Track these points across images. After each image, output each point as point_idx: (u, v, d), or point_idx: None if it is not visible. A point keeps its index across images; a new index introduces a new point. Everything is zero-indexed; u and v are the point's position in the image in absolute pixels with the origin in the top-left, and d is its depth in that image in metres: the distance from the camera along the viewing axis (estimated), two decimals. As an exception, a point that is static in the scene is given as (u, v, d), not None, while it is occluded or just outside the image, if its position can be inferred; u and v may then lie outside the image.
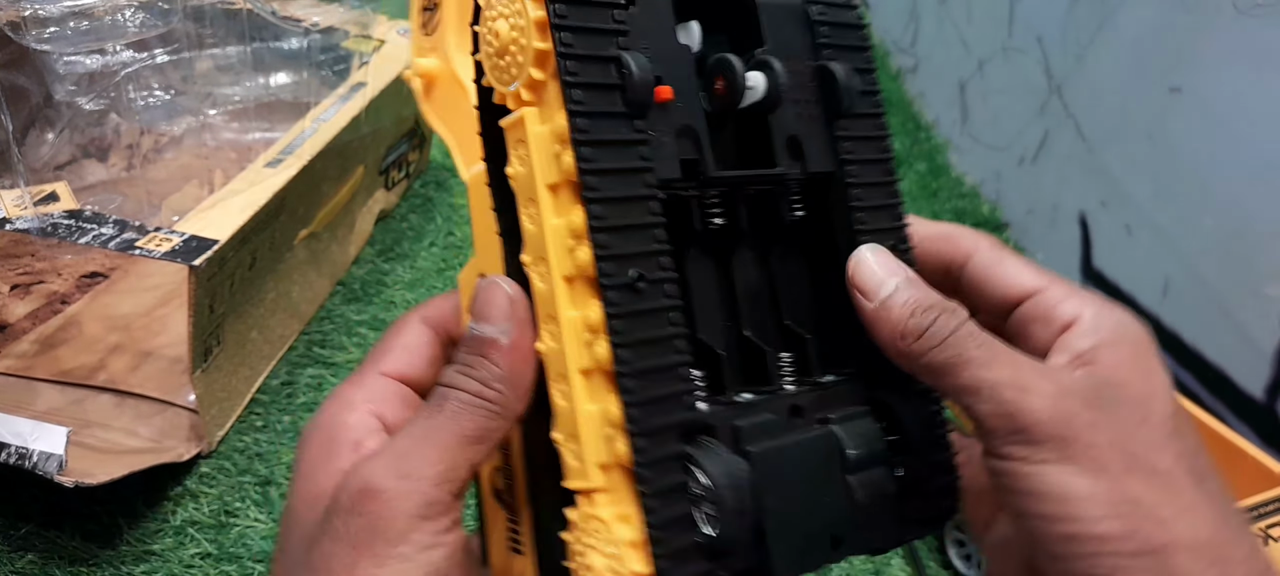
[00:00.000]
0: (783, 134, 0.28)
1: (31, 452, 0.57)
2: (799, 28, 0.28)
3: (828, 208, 0.29)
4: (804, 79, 0.28)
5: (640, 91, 0.24)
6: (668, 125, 0.25)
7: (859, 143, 0.29)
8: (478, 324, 0.24)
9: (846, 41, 0.29)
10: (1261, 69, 0.76)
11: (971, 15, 1.29)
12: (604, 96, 0.24)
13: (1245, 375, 0.76)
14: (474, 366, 0.24)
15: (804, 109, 0.28)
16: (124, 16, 0.76)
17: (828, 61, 0.28)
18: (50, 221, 0.63)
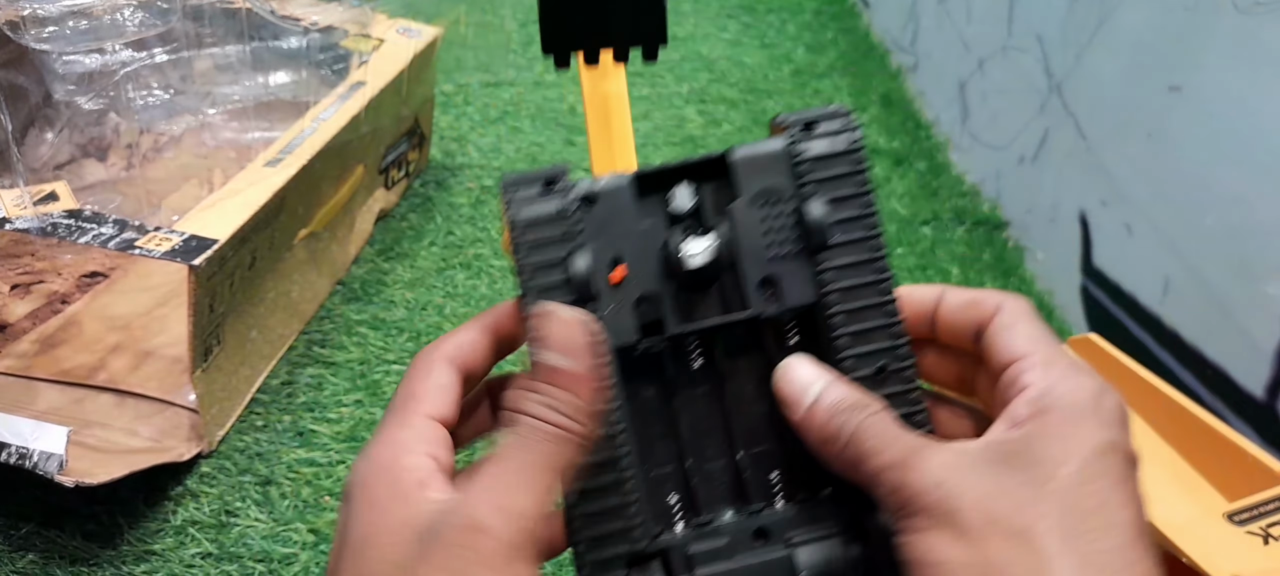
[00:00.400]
0: (756, 276, 0.30)
1: (32, 452, 0.57)
2: (781, 171, 0.31)
3: (816, 335, 0.31)
4: (787, 216, 0.31)
5: (583, 285, 0.29)
6: (627, 297, 0.30)
7: (842, 271, 0.31)
8: (552, 353, 0.26)
9: (832, 171, 0.31)
10: (1262, 68, 0.76)
11: (971, 14, 1.29)
12: (556, 293, 0.29)
13: (1245, 374, 0.76)
14: (556, 398, 0.25)
15: (785, 244, 0.31)
16: (123, 16, 0.76)
17: (808, 199, 0.31)
18: (50, 221, 0.63)
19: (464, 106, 1.20)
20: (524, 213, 0.29)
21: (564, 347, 0.26)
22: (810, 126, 0.32)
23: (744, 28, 1.61)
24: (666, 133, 1.23)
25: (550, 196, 0.30)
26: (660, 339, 0.30)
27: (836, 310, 0.30)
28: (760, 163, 0.31)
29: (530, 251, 0.29)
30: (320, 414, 0.73)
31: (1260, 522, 0.55)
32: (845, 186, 0.31)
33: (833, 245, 0.31)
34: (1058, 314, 1.02)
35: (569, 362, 0.25)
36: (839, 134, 0.32)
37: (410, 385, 0.29)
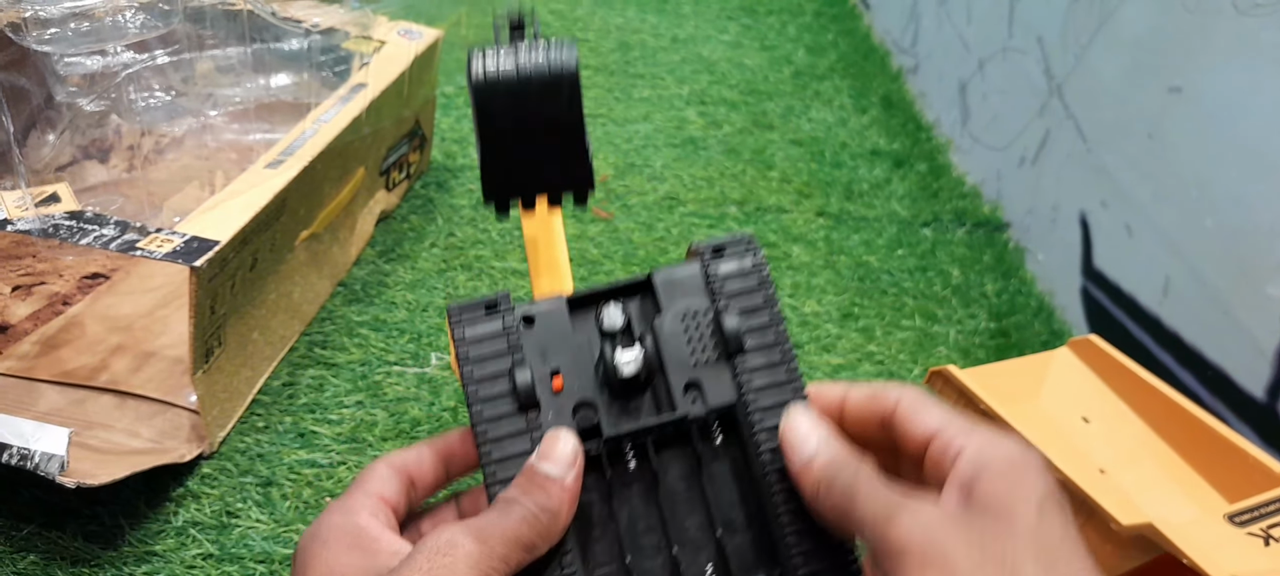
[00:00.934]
0: (681, 382, 0.34)
1: (33, 453, 0.57)
2: (697, 288, 0.36)
3: (737, 429, 0.35)
4: (705, 328, 0.35)
5: (526, 394, 0.33)
6: (567, 404, 0.33)
7: (757, 371, 0.35)
8: (544, 463, 0.31)
9: (742, 287, 0.36)
10: (1262, 69, 0.76)
11: (971, 15, 1.29)
12: (500, 402, 0.33)
13: (1246, 375, 0.76)
14: (536, 492, 0.31)
15: (706, 353, 0.35)
16: (124, 18, 0.76)
17: (721, 310, 0.35)
18: (51, 222, 0.63)
19: (465, 108, 1.20)
20: (470, 333, 0.34)
21: (562, 467, 0.31)
22: (720, 251, 0.37)
23: (744, 29, 1.61)
24: (667, 135, 1.23)
25: (494, 318, 0.34)
26: (598, 442, 0.33)
27: (754, 408, 0.34)
28: (679, 283, 0.36)
29: (477, 367, 0.33)
30: (321, 415, 0.73)
31: (1261, 524, 0.55)
32: (754, 299, 0.36)
33: (748, 350, 0.35)
34: (1058, 315, 1.02)
35: (557, 472, 0.31)
36: (745, 255, 0.37)
37: (357, 479, 0.33)
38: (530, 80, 0.35)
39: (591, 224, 1.02)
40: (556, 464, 0.31)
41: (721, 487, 0.35)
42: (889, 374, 0.89)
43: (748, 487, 0.35)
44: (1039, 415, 0.68)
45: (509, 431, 0.33)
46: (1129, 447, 0.67)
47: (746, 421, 0.34)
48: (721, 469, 0.35)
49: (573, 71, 0.36)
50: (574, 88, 0.36)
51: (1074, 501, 0.58)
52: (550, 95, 0.35)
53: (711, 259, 0.36)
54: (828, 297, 0.98)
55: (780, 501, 0.33)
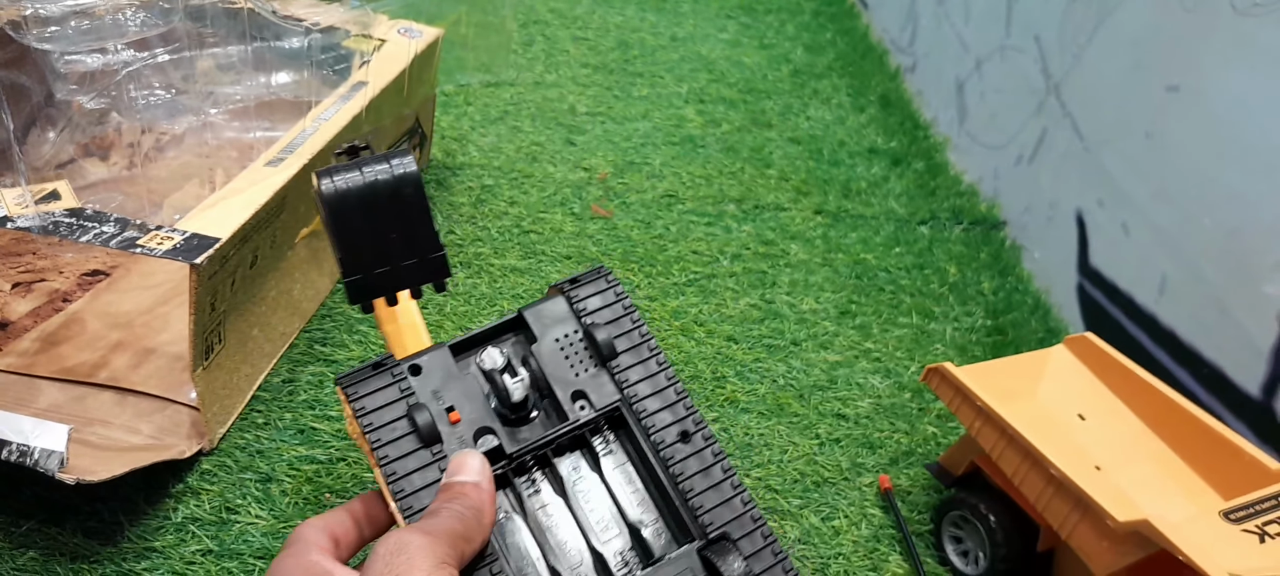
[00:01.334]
0: (568, 392, 0.38)
1: (33, 449, 0.58)
2: (565, 315, 0.40)
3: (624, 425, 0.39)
4: (578, 346, 0.39)
5: (427, 430, 0.36)
6: (466, 432, 0.36)
7: (633, 369, 0.39)
8: (458, 476, 0.34)
9: (602, 304, 0.40)
10: (1259, 68, 0.77)
11: (969, 14, 1.29)
12: (403, 442, 0.35)
13: (1242, 373, 0.77)
14: (459, 497, 0.33)
15: (584, 366, 0.39)
16: (125, 16, 0.76)
17: (589, 327, 0.39)
18: (52, 220, 0.63)
19: (464, 106, 1.20)
20: (363, 390, 0.36)
21: (475, 474, 0.34)
22: (577, 282, 0.41)
23: (743, 28, 1.62)
24: (666, 133, 1.23)
25: (381, 375, 0.37)
26: (506, 462, 0.37)
27: (640, 398, 0.38)
28: (548, 314, 0.40)
29: (376, 417, 0.36)
30: (321, 411, 0.73)
31: (1256, 520, 0.55)
32: (616, 310, 0.40)
33: (619, 353, 0.39)
34: (1054, 313, 1.02)
35: (473, 479, 0.34)
36: (599, 281, 0.41)
37: (291, 538, 0.36)
38: (377, 187, 0.38)
39: (591, 222, 1.02)
40: (469, 473, 0.34)
41: (621, 478, 0.39)
42: (886, 371, 0.89)
43: (644, 473, 0.38)
44: (1035, 412, 0.69)
45: (416, 466, 0.36)
46: (1125, 444, 0.67)
47: (633, 414, 0.38)
48: (616, 462, 0.39)
49: (415, 175, 0.39)
50: (418, 189, 0.40)
51: (1070, 498, 0.58)
52: (398, 199, 0.39)
53: (572, 289, 0.41)
54: (825, 295, 0.98)
55: (681, 474, 0.37)
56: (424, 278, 0.40)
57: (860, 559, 0.70)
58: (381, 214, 0.38)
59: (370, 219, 0.38)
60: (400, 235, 0.39)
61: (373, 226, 0.39)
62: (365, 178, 0.38)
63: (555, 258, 0.95)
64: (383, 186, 0.38)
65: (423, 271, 0.40)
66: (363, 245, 0.39)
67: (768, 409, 0.82)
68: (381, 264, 0.39)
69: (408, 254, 0.39)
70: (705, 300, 0.94)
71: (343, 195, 0.38)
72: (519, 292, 0.90)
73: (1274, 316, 0.74)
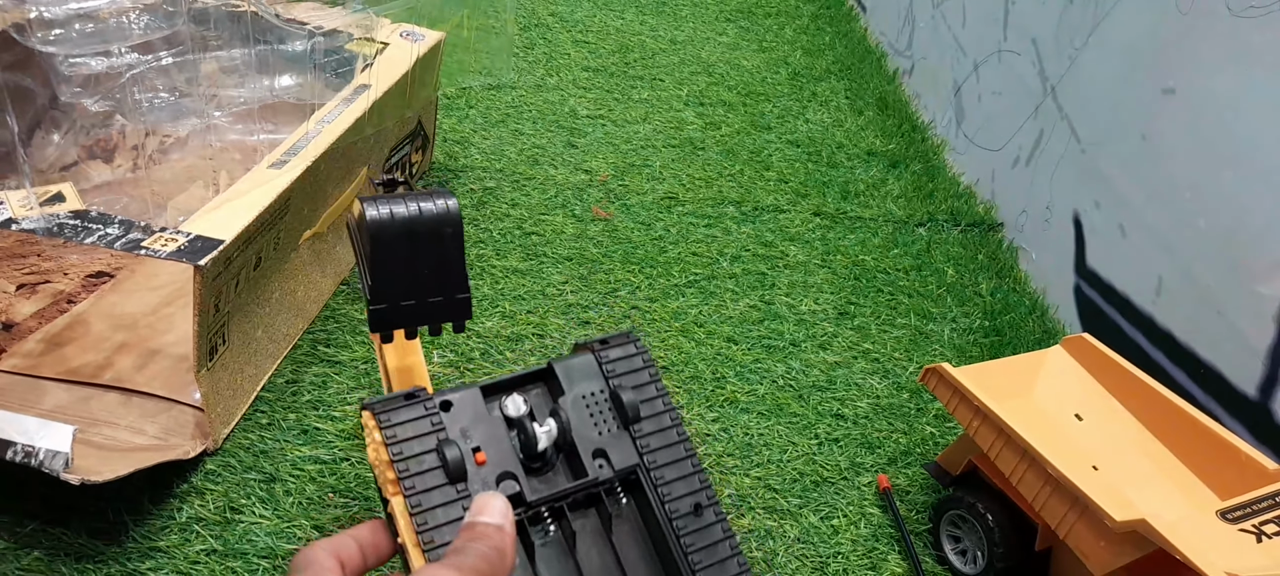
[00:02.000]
0: (589, 449, 0.38)
1: (38, 450, 0.58)
2: (593, 372, 0.40)
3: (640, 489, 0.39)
4: (603, 405, 0.40)
5: (455, 467, 0.36)
6: (490, 475, 0.37)
7: (654, 436, 0.39)
8: (482, 516, 0.35)
9: (629, 369, 0.41)
10: (1255, 71, 0.77)
11: (967, 18, 1.30)
12: (430, 475, 0.36)
13: (1238, 373, 0.77)
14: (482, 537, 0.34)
15: (607, 425, 0.39)
16: (129, 19, 0.77)
17: (617, 389, 0.40)
18: (56, 221, 0.63)
19: (466, 109, 1.21)
20: (396, 419, 0.37)
21: (500, 516, 0.34)
22: (606, 343, 0.41)
23: (742, 32, 1.62)
24: (666, 135, 1.24)
25: (414, 406, 0.37)
26: (522, 510, 0.37)
27: (658, 465, 0.39)
28: (576, 369, 0.40)
29: (406, 447, 0.36)
30: (325, 411, 0.74)
31: (1253, 520, 0.56)
32: (641, 377, 0.41)
33: (644, 418, 0.39)
34: (1051, 314, 1.03)
35: (497, 521, 0.34)
36: (628, 345, 0.41)
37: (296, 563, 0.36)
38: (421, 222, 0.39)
39: (592, 224, 1.03)
40: (494, 515, 0.35)
41: (629, 541, 0.39)
42: (884, 371, 0.89)
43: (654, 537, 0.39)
44: (1033, 412, 0.69)
45: (441, 500, 0.36)
46: (1122, 444, 0.68)
47: (650, 480, 0.39)
48: (627, 525, 0.40)
49: (458, 215, 0.40)
50: (458, 229, 0.40)
51: (1067, 498, 0.59)
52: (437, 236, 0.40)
53: (601, 350, 0.42)
54: (824, 296, 0.98)
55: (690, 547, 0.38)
56: (447, 317, 0.41)
57: (859, 557, 0.71)
58: (419, 248, 0.39)
59: (407, 251, 0.39)
60: (432, 272, 0.40)
61: (408, 259, 0.39)
62: (410, 211, 0.39)
63: (556, 259, 0.96)
64: (426, 221, 0.39)
65: (447, 311, 0.41)
66: (395, 276, 0.39)
67: (767, 409, 0.83)
68: (409, 297, 0.40)
69: (436, 291, 0.40)
70: (705, 301, 0.94)
71: (387, 224, 0.38)
72: (520, 294, 0.90)
73: (1270, 317, 0.74)
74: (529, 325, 0.87)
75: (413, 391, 0.38)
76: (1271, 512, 0.56)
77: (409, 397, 0.38)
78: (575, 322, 0.88)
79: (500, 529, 0.34)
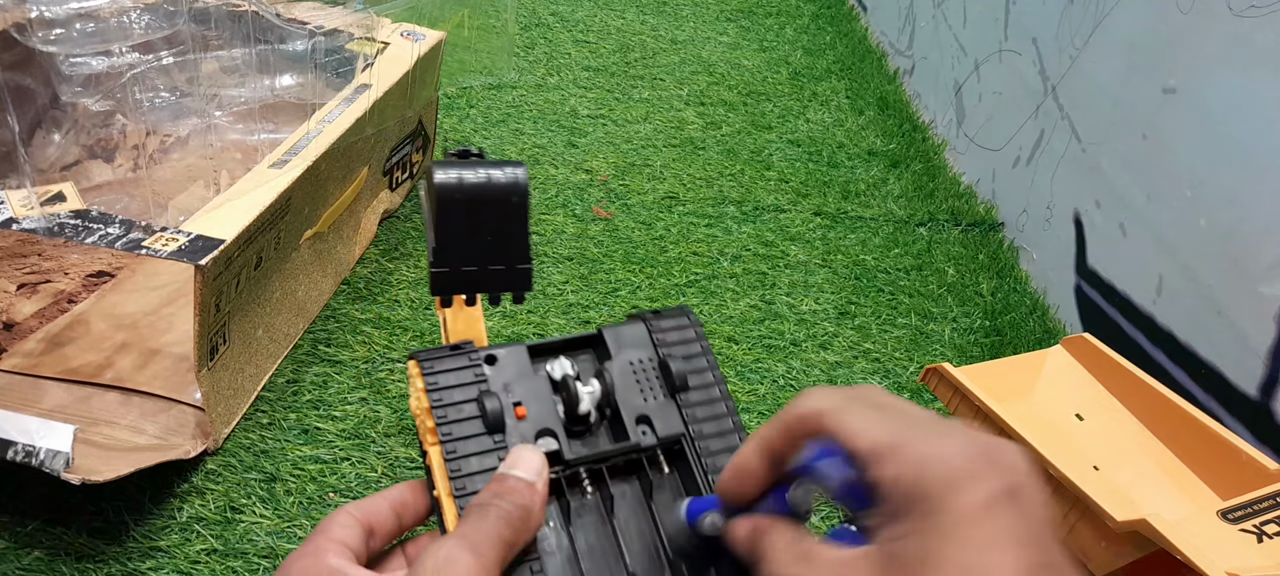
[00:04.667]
0: (633, 415, 0.38)
1: (38, 450, 0.58)
2: (643, 341, 0.40)
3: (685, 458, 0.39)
4: (651, 373, 0.40)
5: (494, 417, 0.36)
6: (529, 430, 0.37)
7: (701, 406, 0.39)
8: (514, 469, 0.34)
9: (681, 340, 0.41)
10: (1256, 70, 0.77)
11: (967, 17, 1.30)
12: (467, 425, 0.36)
13: (1239, 373, 0.77)
14: (512, 495, 0.33)
15: (653, 393, 0.39)
16: (130, 18, 0.77)
17: (665, 357, 0.40)
18: (57, 221, 0.63)
19: (467, 109, 1.21)
20: (439, 368, 0.37)
21: (527, 469, 0.33)
22: (659, 315, 0.41)
23: (743, 31, 1.62)
24: (666, 135, 1.24)
25: (459, 357, 0.38)
26: (560, 469, 0.37)
27: (704, 437, 0.39)
28: (626, 335, 0.40)
29: (446, 394, 0.36)
30: (325, 411, 0.74)
31: (1254, 520, 0.56)
32: (692, 348, 0.41)
33: (691, 389, 0.39)
34: (1052, 314, 1.03)
35: (529, 477, 0.33)
36: (681, 317, 0.41)
37: (318, 527, 0.35)
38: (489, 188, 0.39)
39: (592, 223, 1.03)
40: (526, 470, 0.34)
41: (669, 510, 0.39)
42: (885, 371, 0.89)
43: None
44: (1033, 412, 0.69)
45: (476, 449, 0.36)
46: (1123, 444, 0.68)
47: (694, 451, 0.39)
48: (668, 494, 0.39)
49: (525, 185, 0.40)
50: (524, 199, 0.40)
51: (1068, 498, 0.59)
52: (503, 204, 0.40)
53: (653, 319, 0.42)
54: (825, 296, 0.98)
55: None
56: (507, 286, 0.41)
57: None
58: (485, 215, 0.39)
59: (473, 217, 0.39)
60: (496, 240, 0.40)
61: (473, 225, 0.39)
62: (479, 176, 0.39)
63: (557, 259, 0.96)
64: (494, 188, 0.39)
65: (507, 279, 0.40)
66: (459, 241, 0.39)
67: (768, 409, 0.83)
68: (470, 263, 0.40)
69: (498, 259, 0.40)
70: (705, 301, 0.94)
71: (456, 187, 0.39)
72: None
73: (1271, 317, 0.74)
74: (530, 325, 0.87)
75: (459, 344, 0.38)
76: (1272, 512, 0.56)
77: (455, 349, 0.38)
78: (576, 322, 0.88)
79: (531, 486, 0.33)
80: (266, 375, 0.75)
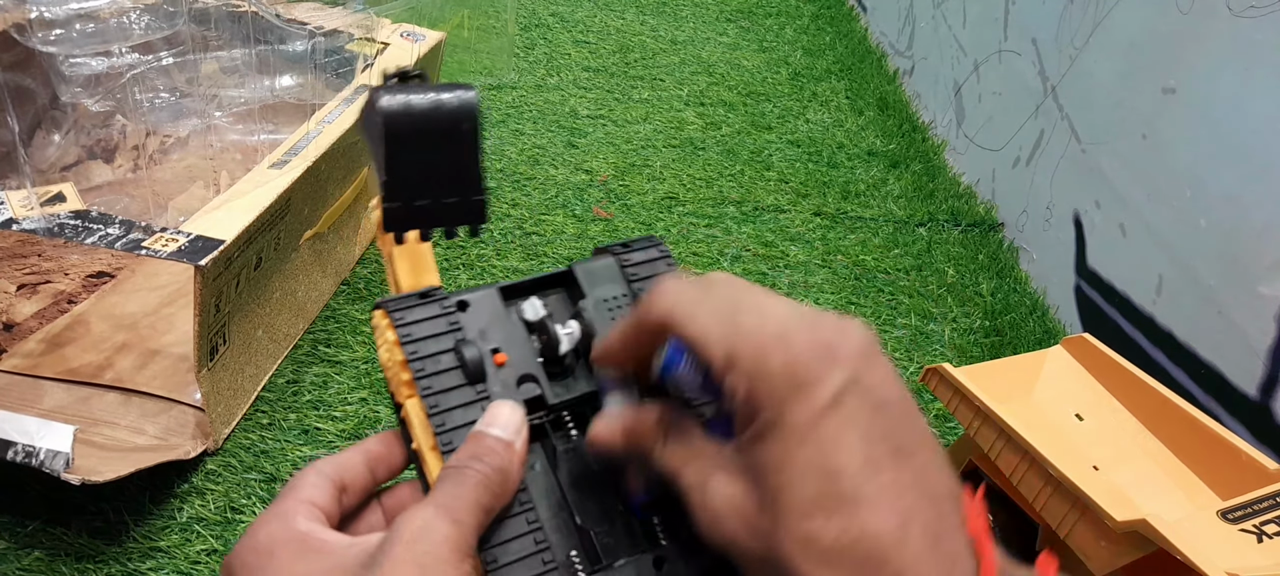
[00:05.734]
0: None
1: (38, 450, 0.58)
2: (615, 276, 0.39)
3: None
4: (627, 309, 0.38)
5: (474, 366, 0.34)
6: (510, 377, 0.35)
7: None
8: (492, 428, 0.32)
9: (654, 273, 0.39)
10: (1256, 70, 0.77)
11: (967, 18, 1.30)
12: (447, 376, 0.34)
13: (1239, 373, 0.77)
14: (489, 456, 0.31)
15: None
16: (130, 19, 0.77)
17: (640, 293, 0.38)
18: (57, 222, 0.63)
19: (465, 109, 1.21)
20: (410, 317, 0.35)
21: (505, 427, 0.32)
22: (628, 246, 0.40)
23: (743, 32, 1.62)
24: (666, 136, 1.24)
25: (430, 304, 0.36)
26: (544, 413, 0.36)
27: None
28: (598, 272, 0.39)
29: (421, 346, 0.35)
30: (325, 411, 0.74)
31: (1254, 520, 0.56)
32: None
33: None
34: (1052, 314, 1.03)
35: (507, 436, 0.32)
36: (651, 249, 0.40)
37: (287, 486, 0.33)
38: (438, 113, 0.37)
39: (592, 224, 1.03)
40: (504, 428, 0.32)
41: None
42: (886, 372, 0.89)
43: None
44: (1033, 412, 0.69)
45: (459, 402, 0.34)
46: (1123, 445, 0.68)
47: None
48: None
49: (476, 106, 0.38)
50: (476, 123, 0.38)
51: (1069, 498, 0.59)
52: (454, 131, 0.37)
53: (623, 252, 0.40)
54: (825, 296, 0.98)
55: None
56: (462, 219, 0.39)
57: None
58: (435, 143, 0.37)
59: (422, 146, 0.37)
60: (448, 169, 0.37)
61: (423, 155, 0.37)
62: (427, 101, 0.36)
63: (557, 259, 0.96)
64: (444, 113, 0.37)
65: (462, 212, 0.38)
66: (410, 173, 0.37)
67: (768, 409, 0.83)
68: (423, 196, 0.37)
69: (450, 191, 0.38)
70: (706, 302, 0.94)
71: (402, 114, 0.36)
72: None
73: (1271, 316, 0.74)
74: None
75: (428, 290, 0.36)
76: (1272, 512, 0.56)
77: (424, 296, 0.36)
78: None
79: (509, 445, 0.32)
80: (266, 375, 0.75)
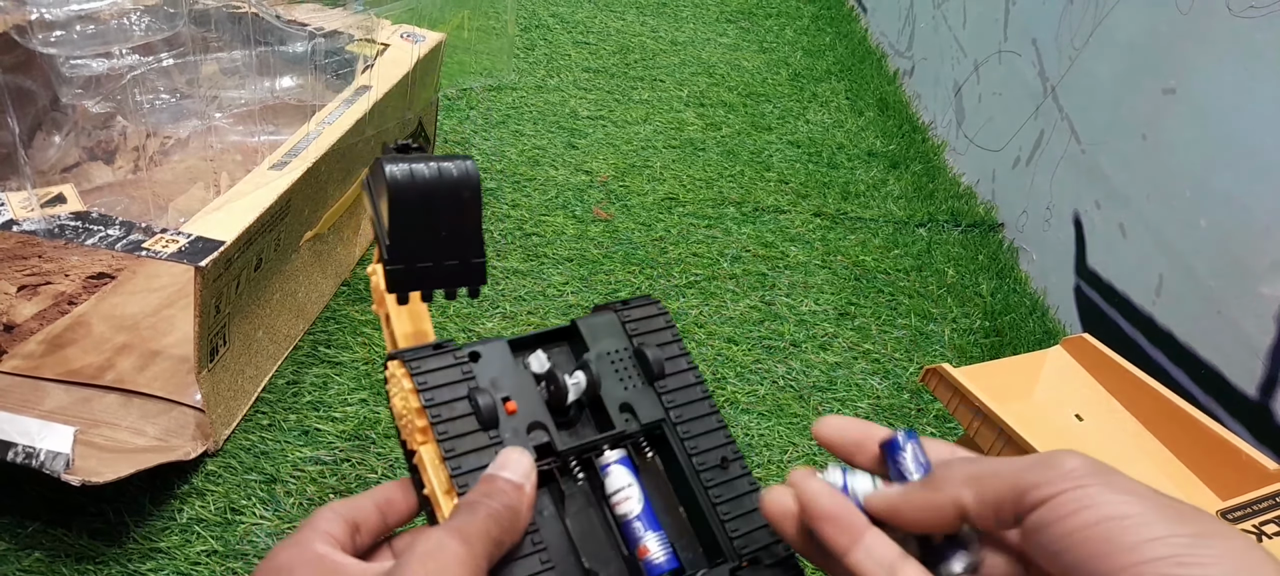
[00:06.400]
0: (615, 403, 0.40)
1: (39, 451, 0.58)
2: (617, 331, 0.42)
3: (668, 443, 0.40)
4: (628, 362, 0.41)
5: (487, 413, 0.37)
6: (521, 425, 0.38)
7: (679, 392, 0.41)
8: (503, 471, 0.34)
9: (652, 328, 0.42)
10: (1256, 70, 0.77)
11: (967, 18, 1.30)
12: (462, 421, 0.36)
13: (1239, 373, 0.77)
14: (500, 495, 0.33)
15: (631, 381, 0.41)
16: (130, 20, 0.77)
17: (640, 347, 0.41)
18: (57, 223, 0.63)
19: (467, 110, 1.21)
20: (427, 367, 0.38)
21: (515, 470, 0.34)
22: (627, 304, 0.42)
23: (743, 33, 1.62)
24: (666, 136, 1.24)
25: (444, 355, 0.38)
26: (552, 459, 0.38)
27: (684, 421, 0.40)
28: (600, 326, 0.41)
29: (437, 393, 0.37)
30: (325, 412, 0.74)
31: (1254, 520, 0.56)
32: (665, 336, 0.42)
33: (668, 375, 0.41)
34: (1052, 314, 1.03)
35: (517, 478, 0.34)
36: (649, 305, 0.42)
37: (305, 522, 0.35)
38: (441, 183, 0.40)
39: (592, 224, 1.03)
40: (514, 471, 0.34)
41: (655, 493, 0.40)
42: (885, 372, 0.89)
43: (681, 491, 0.40)
44: (1033, 412, 0.69)
45: (473, 447, 0.36)
46: (1122, 444, 0.68)
47: (676, 433, 0.40)
48: (652, 479, 0.40)
49: (477, 178, 0.41)
50: (476, 193, 0.41)
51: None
52: (456, 198, 0.40)
53: (623, 310, 0.43)
54: (825, 297, 0.98)
55: (719, 498, 0.39)
56: (462, 281, 0.41)
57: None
58: (438, 210, 0.39)
59: (426, 212, 0.39)
60: (450, 234, 0.40)
61: (426, 221, 0.39)
62: (430, 171, 0.39)
63: (557, 260, 0.96)
64: (446, 183, 0.39)
65: (463, 274, 0.41)
66: (414, 236, 0.39)
67: (767, 409, 0.83)
68: (425, 259, 0.40)
69: (452, 254, 0.40)
70: (705, 302, 0.94)
71: (408, 182, 0.39)
72: (520, 294, 0.90)
73: (1271, 317, 0.74)
74: (530, 326, 0.87)
75: (441, 342, 0.39)
76: (1271, 512, 0.56)
77: (438, 348, 0.38)
78: (576, 323, 0.88)
79: (519, 487, 0.34)
80: (266, 376, 0.75)
